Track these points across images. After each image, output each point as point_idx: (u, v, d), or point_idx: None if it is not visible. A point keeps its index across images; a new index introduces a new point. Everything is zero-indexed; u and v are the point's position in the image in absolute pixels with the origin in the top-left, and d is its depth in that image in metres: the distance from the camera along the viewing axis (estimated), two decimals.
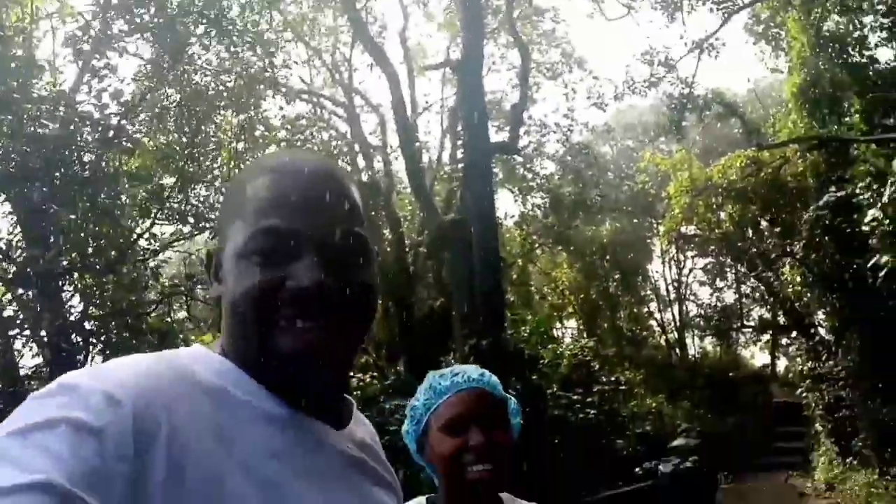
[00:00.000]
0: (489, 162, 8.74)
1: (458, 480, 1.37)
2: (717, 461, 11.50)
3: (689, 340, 19.50)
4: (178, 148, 7.08)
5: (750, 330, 18.90)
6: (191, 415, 0.68)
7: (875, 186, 7.48)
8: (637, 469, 6.41)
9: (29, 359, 6.25)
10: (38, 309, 5.86)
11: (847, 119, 10.52)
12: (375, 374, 7.78)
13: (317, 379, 0.75)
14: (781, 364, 19.33)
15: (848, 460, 9.85)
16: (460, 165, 9.65)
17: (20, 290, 5.94)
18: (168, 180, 7.29)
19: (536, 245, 14.93)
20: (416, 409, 1.46)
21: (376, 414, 6.84)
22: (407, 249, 11.84)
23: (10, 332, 5.71)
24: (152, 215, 6.53)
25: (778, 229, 12.64)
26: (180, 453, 0.64)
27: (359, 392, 6.45)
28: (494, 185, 13.53)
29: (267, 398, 0.75)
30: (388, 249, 12.06)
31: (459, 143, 10.51)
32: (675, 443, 8.91)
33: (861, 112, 9.73)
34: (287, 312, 0.73)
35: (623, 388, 9.18)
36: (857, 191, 8.00)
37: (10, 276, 5.57)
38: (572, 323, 18.24)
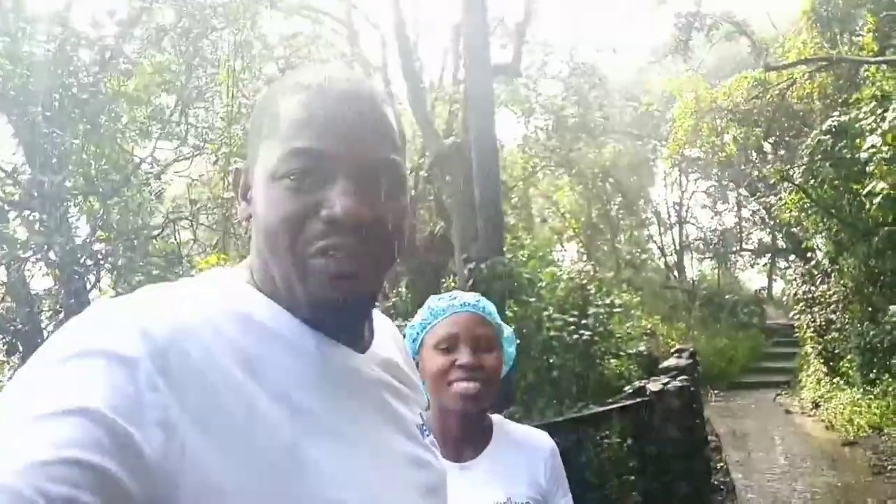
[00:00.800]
0: (490, 83, 8.62)
1: (445, 395, 1.48)
2: (708, 380, 11.92)
3: (687, 263, 19.70)
4: (175, 68, 7.00)
5: (749, 253, 19.07)
6: (221, 346, 0.68)
7: (879, 112, 7.41)
8: (627, 388, 6.67)
9: (39, 279, 6.44)
10: (47, 231, 5.97)
11: (858, 39, 10.27)
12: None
13: (349, 304, 0.75)
14: (778, 287, 19.61)
15: (835, 380, 10.17)
16: (461, 87, 9.52)
17: (28, 213, 6.05)
18: (167, 100, 7.25)
19: (538, 168, 14.88)
20: (413, 327, 1.57)
21: None
22: (408, 172, 11.83)
23: (21, 254, 5.84)
24: (153, 138, 6.54)
25: (782, 153, 12.56)
26: (211, 384, 0.65)
27: None
28: (496, 106, 13.42)
29: (295, 326, 0.76)
30: None
31: (461, 63, 10.31)
32: (667, 363, 9.21)
33: (873, 31, 9.49)
34: (321, 238, 0.72)
35: (618, 310, 9.38)
36: (861, 115, 7.93)
37: (16, 198, 5.65)
38: (572, 246, 18.40)
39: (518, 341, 1.67)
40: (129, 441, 0.58)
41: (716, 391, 12.56)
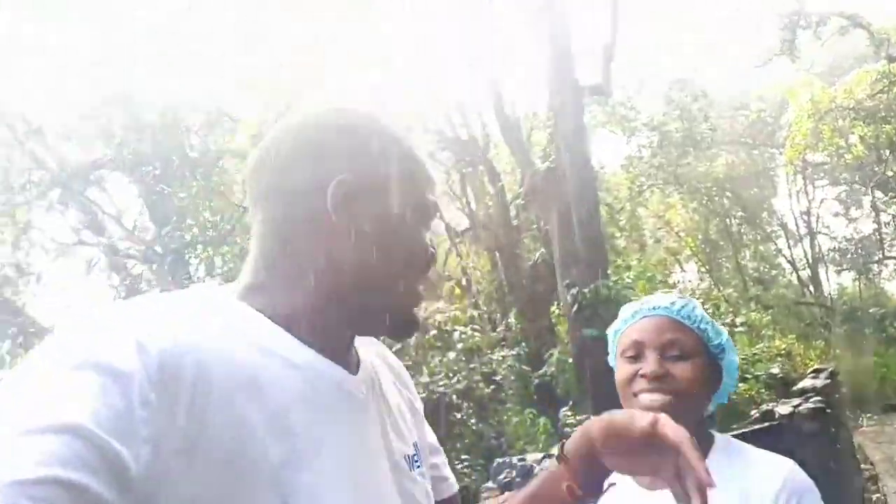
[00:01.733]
0: (580, 106, 8.50)
1: (630, 407, 1.29)
2: (858, 403, 10.77)
3: (823, 277, 18.18)
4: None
5: (893, 261, 17.35)
6: (216, 362, 0.68)
7: None
8: (754, 411, 6.18)
9: None
10: (170, 279, 6.49)
11: None
12: (478, 326, 7.95)
13: (418, 320, 0.87)
14: None
15: None
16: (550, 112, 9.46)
17: (152, 264, 6.61)
18: None
19: (645, 187, 14.40)
20: (609, 336, 1.45)
21: (481, 365, 7.03)
22: (509, 202, 11.83)
23: None
24: None
25: None
26: (205, 401, 0.65)
27: (461, 343, 6.63)
28: (593, 127, 13.18)
29: (292, 345, 0.77)
30: (490, 204, 12.11)
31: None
32: (801, 384, 8.48)
33: None
34: (426, 272, 0.86)
35: (740, 328, 8.77)
36: None
37: (137, 252, 6.18)
38: (693, 266, 17.52)
39: (734, 358, 1.41)
40: (115, 458, 0.58)
41: (868, 414, 11.37)
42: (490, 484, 4.03)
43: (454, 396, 6.00)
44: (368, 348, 0.92)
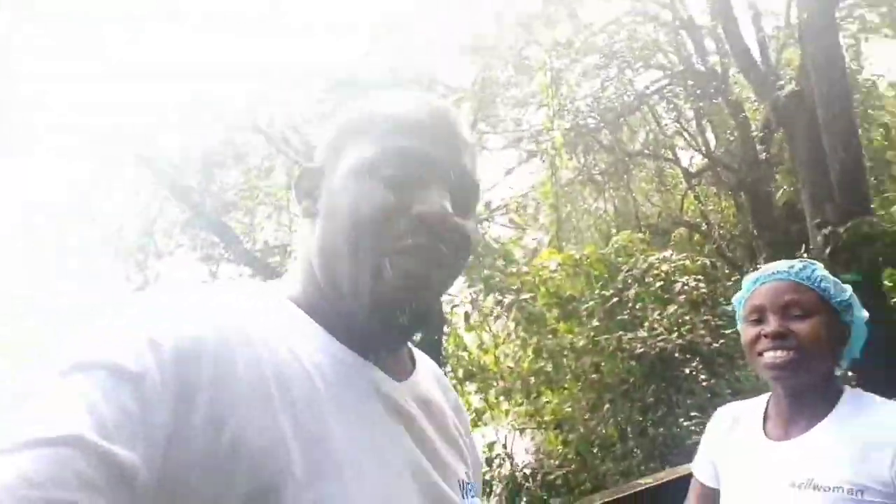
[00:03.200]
0: (832, 12, 7.23)
1: (758, 368, 1.45)
2: None
3: None
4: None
5: None
6: (240, 361, 0.64)
7: None
8: None
9: None
10: None
11: None
12: (711, 275, 7.35)
13: (414, 307, 0.72)
14: None
15: None
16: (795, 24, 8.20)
17: None
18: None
19: None
20: (735, 303, 1.59)
21: (714, 318, 6.51)
22: (754, 135, 10.60)
23: None
24: None
25: None
26: (224, 403, 0.61)
27: (683, 296, 6.21)
28: (863, 34, 11.11)
29: (328, 344, 0.73)
30: (731, 138, 10.96)
31: None
32: None
33: None
34: (408, 236, 0.71)
35: None
36: None
37: None
38: None
39: (861, 315, 1.47)
40: (121, 469, 0.54)
41: None
42: None
43: (676, 352, 5.66)
44: (427, 366, 0.88)
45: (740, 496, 1.46)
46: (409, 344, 0.86)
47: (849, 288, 1.46)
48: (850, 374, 3.96)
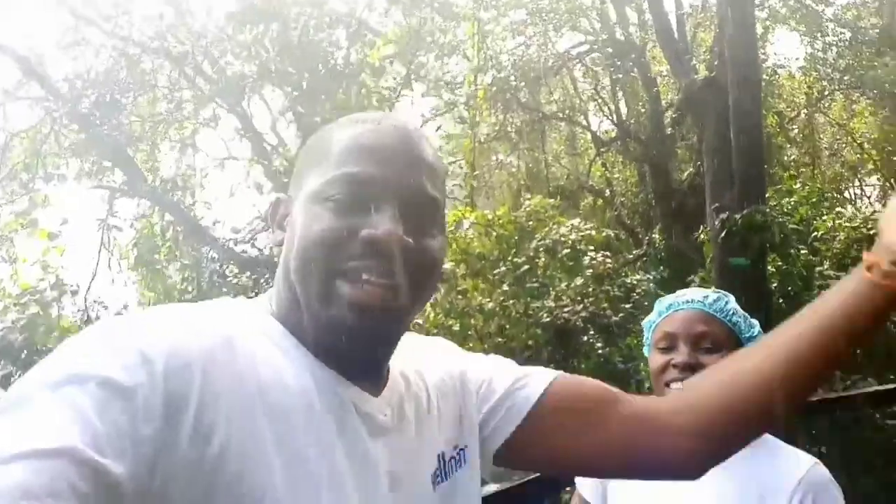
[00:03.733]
0: (750, 2, 7.52)
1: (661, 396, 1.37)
2: None
3: None
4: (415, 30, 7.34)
5: None
6: (226, 377, 0.66)
7: None
8: None
9: None
10: None
11: None
12: (615, 247, 7.68)
13: (371, 334, 0.73)
14: None
15: None
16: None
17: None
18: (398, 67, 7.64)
19: (827, 92, 12.73)
20: (645, 326, 1.53)
21: (614, 288, 6.86)
22: (664, 110, 11.01)
23: None
24: (391, 107, 7.01)
25: None
26: (211, 417, 0.63)
27: (590, 270, 6.47)
28: (771, 24, 11.68)
29: (309, 363, 0.74)
30: (643, 110, 11.34)
31: None
32: None
33: None
34: (356, 258, 0.72)
35: None
36: None
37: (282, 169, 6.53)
38: (873, 180, 15.55)
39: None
40: (112, 482, 0.55)
41: None
42: None
43: (579, 322, 5.93)
44: (412, 352, 0.87)
45: None
46: None
47: (756, 324, 1.44)
48: None
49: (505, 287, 6.31)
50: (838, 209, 8.96)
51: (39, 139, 6.29)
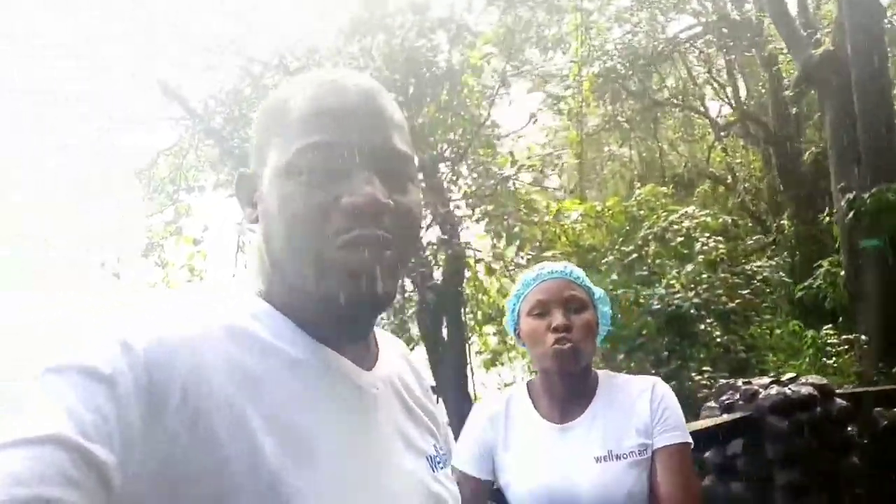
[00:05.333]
0: None
1: (543, 358, 1.56)
2: None
3: None
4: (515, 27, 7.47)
5: None
6: (212, 361, 0.66)
7: None
8: None
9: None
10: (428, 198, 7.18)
11: None
12: (733, 232, 7.40)
13: (368, 302, 0.72)
14: None
15: None
16: None
17: None
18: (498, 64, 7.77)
19: None
20: (510, 300, 1.70)
21: (732, 276, 6.61)
22: (786, 88, 10.41)
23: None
24: (492, 104, 7.17)
25: None
26: (197, 401, 0.62)
27: (702, 256, 6.30)
28: None
29: (300, 340, 0.74)
30: (763, 90, 10.78)
31: None
32: None
33: None
34: (345, 231, 0.70)
35: None
36: None
37: None
38: None
39: (609, 310, 1.70)
40: (101, 469, 0.55)
41: None
42: (711, 403, 3.97)
43: (692, 310, 5.81)
44: (393, 348, 0.90)
45: (540, 479, 1.53)
46: (376, 329, 0.87)
47: (599, 289, 1.66)
48: None
49: (614, 276, 6.28)
50: None
51: (181, 155, 7.05)
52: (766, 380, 3.79)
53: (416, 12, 6.72)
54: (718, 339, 6.54)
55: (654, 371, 6.08)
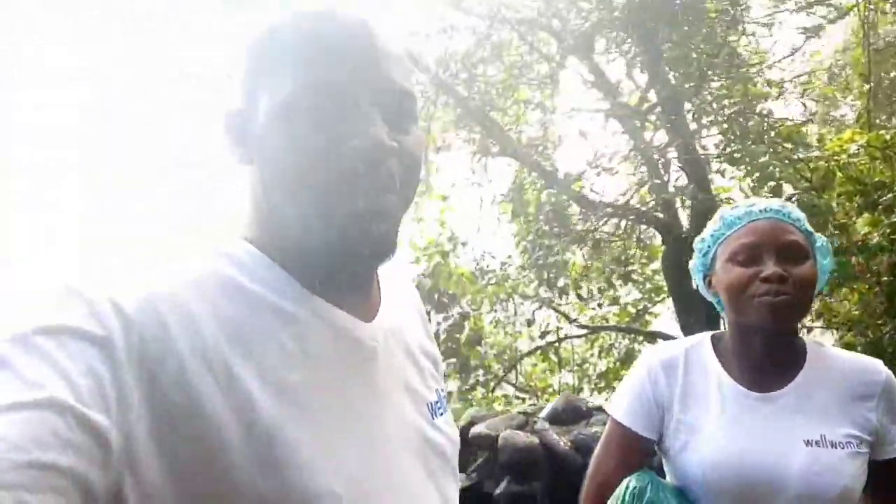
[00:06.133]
0: None
1: (747, 311, 1.33)
2: None
3: None
4: None
5: None
6: (204, 319, 0.64)
7: None
8: None
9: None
10: (671, 132, 6.73)
11: None
12: None
13: (383, 240, 0.72)
14: None
15: None
16: None
17: (654, 118, 6.94)
18: None
19: None
20: (703, 241, 1.46)
21: None
22: None
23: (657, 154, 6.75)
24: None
25: None
26: (191, 360, 0.61)
27: None
28: None
29: (294, 292, 0.72)
30: None
31: None
32: None
33: None
34: (352, 173, 0.69)
35: None
36: None
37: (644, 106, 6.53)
38: None
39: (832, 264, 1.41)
40: (98, 433, 0.54)
41: None
42: None
43: None
44: (395, 288, 0.87)
45: (737, 454, 1.30)
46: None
47: (820, 235, 1.42)
48: None
49: (894, 218, 5.28)
50: None
51: (426, 117, 7.56)
52: None
53: None
54: None
55: None
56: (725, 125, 6.55)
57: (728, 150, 6.69)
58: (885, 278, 5.18)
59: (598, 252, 7.60)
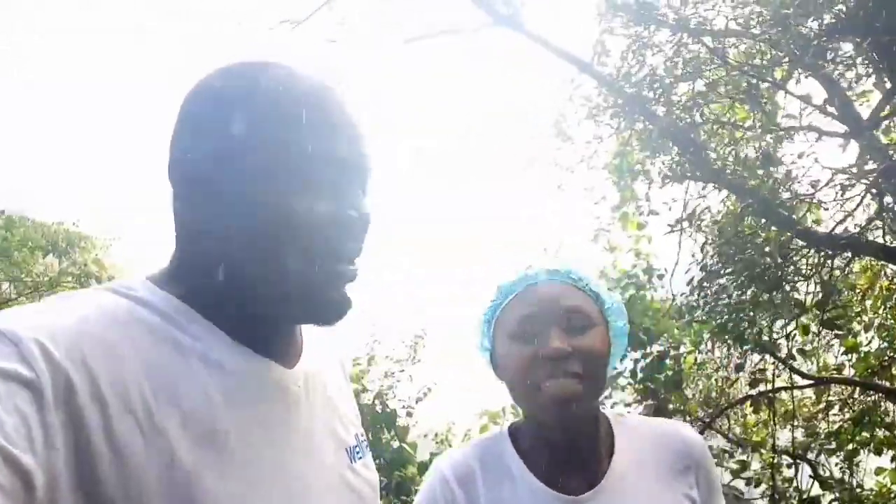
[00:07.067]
0: None
1: (532, 402, 1.12)
2: None
3: None
4: None
5: None
6: (130, 362, 0.65)
7: None
8: None
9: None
10: None
11: None
12: None
13: (347, 306, 0.77)
14: None
15: None
16: None
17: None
18: None
19: None
20: (484, 315, 1.22)
21: None
22: None
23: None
24: None
25: None
26: (115, 403, 0.62)
27: None
28: None
29: (218, 341, 0.73)
30: None
31: None
32: None
33: None
34: (333, 239, 0.74)
35: None
36: None
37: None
38: None
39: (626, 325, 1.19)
40: (25, 474, 0.55)
41: None
42: None
43: None
44: (317, 334, 0.89)
45: None
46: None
47: (615, 295, 1.20)
48: None
49: None
50: None
51: (621, 141, 7.03)
52: None
53: None
54: None
55: None
56: None
57: None
58: None
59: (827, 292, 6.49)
